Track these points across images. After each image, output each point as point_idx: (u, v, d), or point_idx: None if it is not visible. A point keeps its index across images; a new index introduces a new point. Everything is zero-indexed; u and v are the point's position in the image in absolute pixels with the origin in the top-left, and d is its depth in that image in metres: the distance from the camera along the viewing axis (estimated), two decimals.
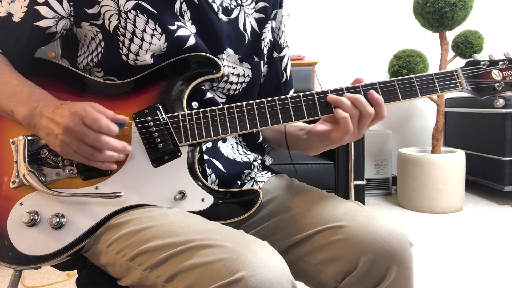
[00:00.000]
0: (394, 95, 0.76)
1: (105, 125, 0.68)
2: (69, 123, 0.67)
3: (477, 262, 1.97)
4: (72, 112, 0.68)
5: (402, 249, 0.71)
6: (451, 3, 2.58)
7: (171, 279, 0.62)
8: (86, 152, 0.69)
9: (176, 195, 0.74)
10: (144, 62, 0.78)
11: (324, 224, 0.74)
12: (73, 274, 1.88)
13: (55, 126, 0.69)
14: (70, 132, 0.68)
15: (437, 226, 2.51)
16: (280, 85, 0.98)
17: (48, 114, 0.70)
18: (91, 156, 0.70)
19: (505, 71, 0.78)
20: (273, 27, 0.94)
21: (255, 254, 0.59)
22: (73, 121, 0.67)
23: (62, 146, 0.69)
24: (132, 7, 0.77)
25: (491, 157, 2.92)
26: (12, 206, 0.75)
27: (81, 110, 0.68)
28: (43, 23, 0.77)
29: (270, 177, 0.93)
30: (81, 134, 0.68)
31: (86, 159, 0.71)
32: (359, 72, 3.37)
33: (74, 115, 0.67)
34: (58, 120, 0.68)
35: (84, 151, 0.69)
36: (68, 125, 0.67)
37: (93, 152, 0.69)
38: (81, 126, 0.67)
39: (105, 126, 0.68)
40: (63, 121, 0.68)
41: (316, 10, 3.35)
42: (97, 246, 0.73)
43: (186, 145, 0.75)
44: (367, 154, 3.13)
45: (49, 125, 0.69)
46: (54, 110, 0.70)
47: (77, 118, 0.67)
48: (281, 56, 0.97)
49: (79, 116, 0.67)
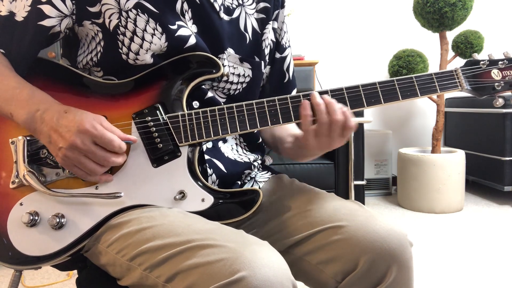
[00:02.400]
0: (394, 95, 0.76)
1: (118, 146, 0.69)
2: (76, 141, 0.67)
3: (477, 262, 1.97)
4: (81, 130, 0.67)
5: (402, 249, 0.71)
6: (451, 3, 2.58)
7: (171, 279, 0.62)
8: (88, 167, 0.70)
9: (176, 195, 0.74)
10: (144, 62, 0.78)
11: (324, 224, 0.74)
12: (73, 274, 1.88)
13: (59, 138, 0.68)
14: (76, 149, 0.68)
15: (437, 226, 2.51)
16: (282, 85, 0.98)
17: (50, 122, 0.70)
18: (92, 172, 0.71)
19: (505, 71, 0.78)
20: (274, 27, 0.94)
21: (256, 254, 0.59)
22: (81, 139, 0.67)
23: (64, 159, 0.70)
24: (133, 6, 0.77)
25: (491, 157, 2.92)
26: (12, 206, 0.75)
27: (91, 129, 0.68)
28: (47, 22, 0.77)
29: (270, 177, 0.93)
30: (88, 153, 0.69)
31: (86, 174, 0.71)
32: (359, 72, 3.38)
33: (83, 134, 0.68)
34: (63, 134, 0.68)
35: (87, 166, 0.70)
36: (74, 143, 0.67)
37: (95, 168, 0.70)
38: (90, 145, 0.68)
39: (117, 146, 0.69)
40: (69, 137, 0.67)
41: (316, 10, 3.35)
42: (97, 246, 0.73)
43: (186, 145, 0.75)
44: (367, 154, 3.13)
45: (52, 135, 0.69)
46: (58, 119, 0.69)
47: (87, 137, 0.68)
48: (283, 56, 0.97)
49: (90, 135, 0.68)
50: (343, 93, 0.75)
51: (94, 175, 0.71)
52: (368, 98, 0.76)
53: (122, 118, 0.76)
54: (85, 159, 0.69)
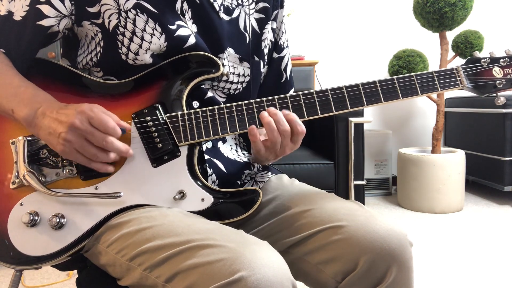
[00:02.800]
0: (394, 93, 0.75)
1: (112, 126, 0.69)
2: (75, 121, 0.68)
3: (477, 262, 1.97)
4: (79, 111, 0.68)
5: (402, 249, 0.71)
6: (451, 3, 2.58)
7: (171, 279, 0.62)
8: (89, 151, 0.70)
9: (176, 195, 0.74)
10: (144, 62, 0.78)
11: (324, 224, 0.74)
12: (73, 274, 1.88)
13: (59, 124, 0.69)
14: (75, 130, 0.68)
15: (437, 226, 2.51)
16: (279, 85, 0.98)
17: (51, 114, 0.70)
18: (94, 156, 0.70)
19: (506, 69, 0.76)
20: (273, 27, 0.94)
21: (255, 254, 0.59)
22: (79, 120, 0.68)
23: (64, 144, 0.69)
24: (132, 6, 0.77)
25: (491, 157, 2.92)
26: (12, 206, 0.75)
27: (87, 110, 0.68)
28: (45, 22, 0.77)
29: (270, 177, 0.93)
30: (87, 133, 0.68)
31: (87, 160, 0.71)
32: (359, 72, 3.37)
33: (81, 114, 0.68)
34: (63, 119, 0.69)
35: (87, 150, 0.69)
36: (74, 123, 0.67)
37: (96, 152, 0.70)
38: (87, 125, 0.68)
39: (112, 127, 0.69)
40: (68, 120, 0.68)
41: (316, 10, 3.35)
42: (97, 246, 0.73)
43: (186, 145, 0.75)
44: (367, 154, 3.13)
45: (52, 124, 0.69)
46: (58, 110, 0.70)
47: (84, 118, 0.68)
48: (280, 56, 0.97)
49: (86, 116, 0.68)
50: (343, 92, 0.75)
51: (95, 161, 0.71)
52: (368, 96, 0.75)
53: (121, 118, 0.76)
54: (85, 142, 0.69)
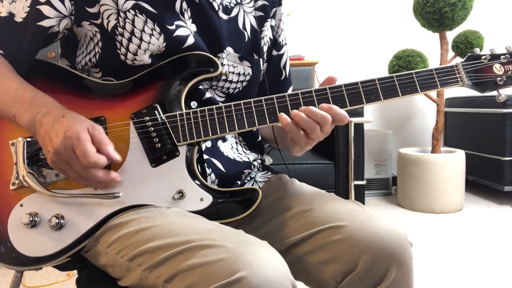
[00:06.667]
0: (393, 91, 0.75)
1: (92, 162, 0.66)
2: (60, 147, 0.67)
3: (477, 262, 1.97)
4: (66, 136, 0.66)
5: (402, 249, 0.70)
6: (451, 3, 2.58)
7: (171, 279, 0.61)
8: (72, 175, 0.70)
9: (175, 194, 0.74)
10: (142, 62, 0.78)
11: (324, 224, 0.74)
12: (73, 274, 1.88)
13: (49, 142, 0.68)
14: (59, 155, 0.68)
15: (437, 226, 2.51)
16: (279, 82, 0.99)
17: (46, 126, 0.69)
18: (77, 179, 0.70)
19: (507, 65, 0.75)
20: (272, 25, 0.94)
21: (255, 254, 0.59)
22: (64, 146, 0.66)
23: (51, 163, 0.70)
24: (131, 7, 0.77)
25: (491, 157, 2.92)
26: (12, 207, 0.75)
27: (74, 138, 0.66)
28: (45, 23, 0.77)
29: (270, 177, 0.92)
30: (70, 160, 0.68)
31: (73, 179, 0.71)
32: (359, 72, 3.37)
33: (66, 140, 0.66)
34: (52, 139, 0.68)
35: (70, 174, 0.70)
36: (58, 149, 0.67)
37: (78, 176, 0.70)
38: (71, 153, 0.67)
39: (92, 162, 0.66)
40: (55, 142, 0.67)
41: (316, 10, 3.35)
42: (97, 246, 0.73)
43: (184, 145, 0.75)
44: (367, 154, 3.13)
45: (45, 138, 0.69)
46: (54, 123, 0.69)
47: (69, 145, 0.66)
48: (280, 54, 0.97)
49: (71, 144, 0.66)
50: (342, 90, 0.75)
51: (80, 181, 0.71)
52: (367, 94, 0.75)
53: (120, 118, 0.76)
54: (68, 166, 0.69)
